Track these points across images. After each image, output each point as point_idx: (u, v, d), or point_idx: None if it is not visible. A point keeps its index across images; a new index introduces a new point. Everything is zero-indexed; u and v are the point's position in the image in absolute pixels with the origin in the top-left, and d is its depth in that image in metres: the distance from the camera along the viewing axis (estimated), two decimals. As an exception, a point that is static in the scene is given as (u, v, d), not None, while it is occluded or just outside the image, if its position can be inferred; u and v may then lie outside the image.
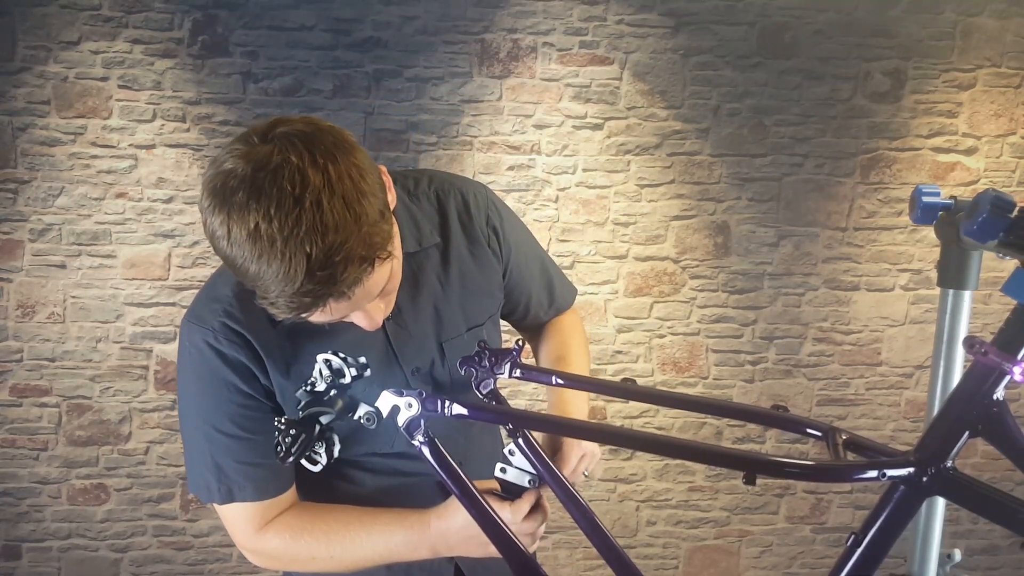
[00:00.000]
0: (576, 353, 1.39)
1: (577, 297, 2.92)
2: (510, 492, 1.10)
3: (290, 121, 0.90)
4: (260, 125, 0.91)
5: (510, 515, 1.06)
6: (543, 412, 1.33)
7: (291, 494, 1.15)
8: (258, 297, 0.91)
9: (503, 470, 1.10)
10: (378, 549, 1.12)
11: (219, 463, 1.10)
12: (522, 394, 2.91)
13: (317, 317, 0.93)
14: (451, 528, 1.09)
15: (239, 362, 1.07)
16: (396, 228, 0.98)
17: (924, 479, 0.83)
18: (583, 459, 1.21)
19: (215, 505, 1.14)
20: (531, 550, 1.10)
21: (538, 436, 1.16)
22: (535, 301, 1.38)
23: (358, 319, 1.00)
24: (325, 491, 1.19)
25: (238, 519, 1.14)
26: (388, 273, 0.96)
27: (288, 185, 0.84)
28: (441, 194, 1.22)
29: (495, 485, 1.11)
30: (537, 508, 1.10)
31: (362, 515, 1.14)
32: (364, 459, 1.19)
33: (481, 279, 1.24)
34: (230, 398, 1.08)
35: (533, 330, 1.45)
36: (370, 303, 0.97)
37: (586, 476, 1.23)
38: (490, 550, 1.06)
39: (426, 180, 1.23)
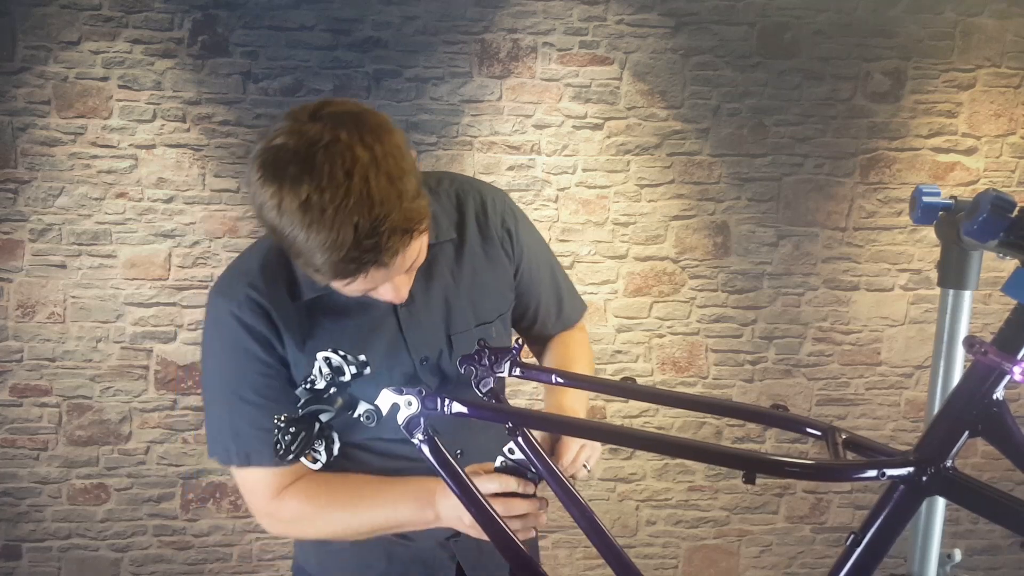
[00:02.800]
0: (579, 365, 1.39)
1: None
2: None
3: (337, 103, 0.98)
4: (308, 105, 0.98)
5: (497, 486, 1.08)
6: (543, 411, 1.32)
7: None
8: (302, 264, 0.98)
9: (503, 464, 1.11)
10: (386, 517, 1.17)
11: (238, 429, 1.16)
12: (522, 393, 2.91)
13: (355, 286, 1.01)
14: (449, 504, 1.12)
15: (260, 332, 1.14)
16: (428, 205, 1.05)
17: (924, 479, 0.83)
18: (583, 449, 1.21)
19: (233, 470, 1.20)
20: (523, 536, 1.10)
21: (538, 432, 1.17)
22: (543, 309, 1.41)
23: (386, 292, 1.07)
24: (333, 471, 1.21)
25: (255, 483, 1.19)
26: (419, 247, 1.03)
27: (339, 160, 0.92)
28: (461, 194, 1.28)
29: (489, 468, 1.12)
30: (532, 499, 1.11)
31: (373, 483, 1.18)
32: (370, 442, 1.22)
33: (492, 277, 1.29)
34: (251, 367, 1.14)
35: (540, 342, 1.46)
36: (400, 276, 1.05)
37: (587, 469, 1.23)
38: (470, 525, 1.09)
39: (448, 180, 1.30)
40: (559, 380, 1.18)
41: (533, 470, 1.09)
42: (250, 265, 1.17)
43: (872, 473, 0.84)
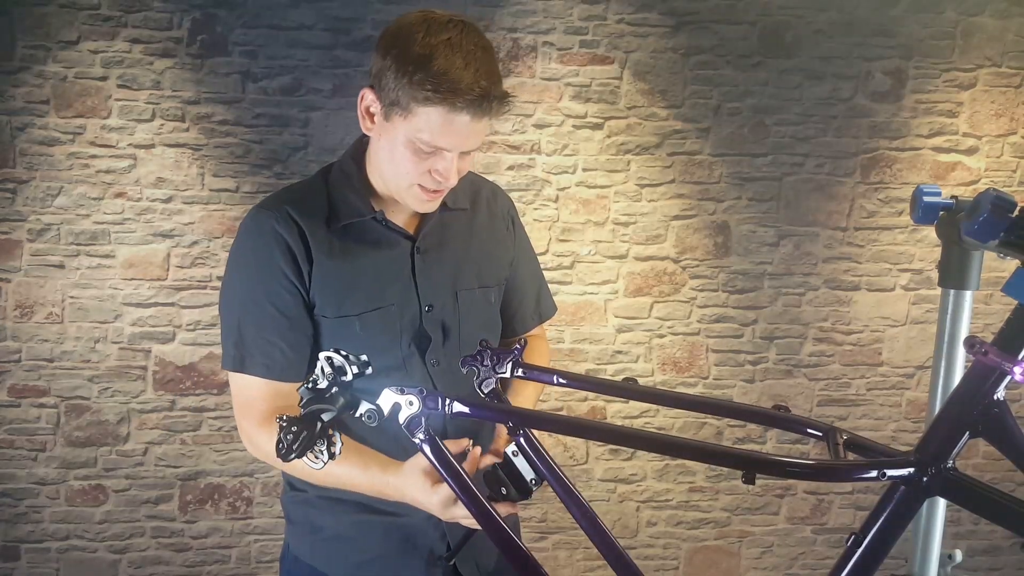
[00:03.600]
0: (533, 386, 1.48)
1: (577, 297, 2.92)
2: (518, 488, 1.13)
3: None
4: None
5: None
6: (544, 411, 1.33)
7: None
8: (428, 91, 1.13)
9: (507, 463, 1.11)
10: (350, 480, 1.25)
11: (244, 332, 1.27)
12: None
13: (446, 133, 1.17)
14: (406, 493, 1.21)
15: (291, 247, 1.26)
16: None
17: (924, 479, 0.83)
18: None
19: (230, 377, 1.30)
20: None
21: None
22: (525, 297, 1.53)
23: (444, 163, 1.21)
24: None
25: (247, 394, 1.29)
26: (482, 139, 1.24)
27: (475, 28, 1.19)
28: (476, 180, 1.47)
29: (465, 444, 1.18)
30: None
31: (349, 447, 1.24)
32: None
33: (496, 249, 1.45)
34: (274, 277, 1.27)
35: (511, 333, 1.54)
36: (463, 158, 1.23)
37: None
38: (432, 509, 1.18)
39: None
40: (561, 381, 1.18)
41: (534, 474, 1.09)
42: (292, 190, 1.36)
43: (873, 474, 0.84)
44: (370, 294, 1.30)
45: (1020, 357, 0.79)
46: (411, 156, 1.21)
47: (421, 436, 0.98)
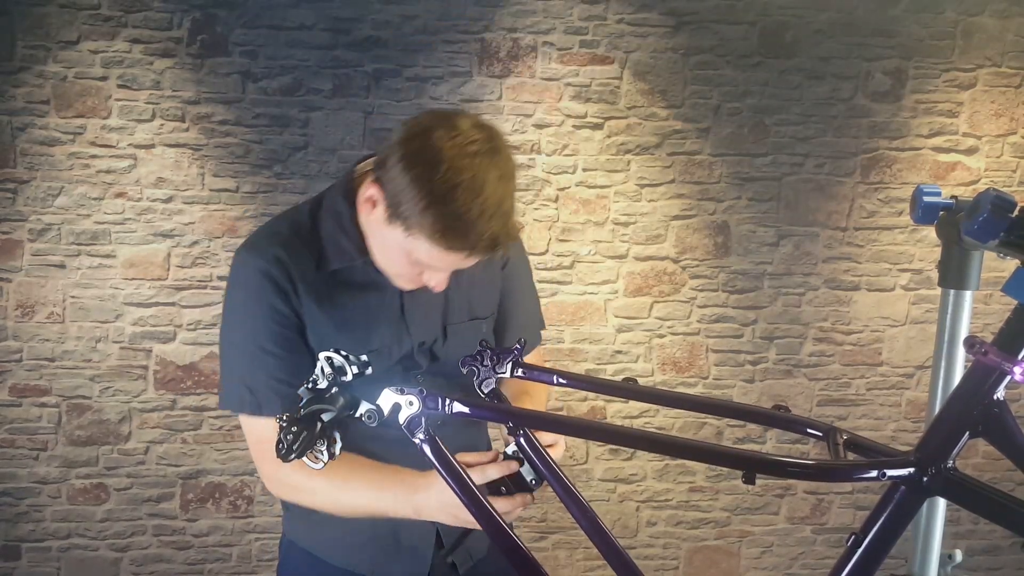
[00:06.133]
0: (536, 393, 1.46)
1: (577, 297, 2.92)
2: (518, 487, 1.14)
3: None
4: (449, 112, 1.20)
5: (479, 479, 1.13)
6: (543, 411, 1.33)
7: None
8: (437, 232, 1.10)
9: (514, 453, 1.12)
10: (370, 502, 1.26)
11: (255, 378, 1.27)
12: (522, 394, 2.90)
13: (443, 261, 1.16)
14: (430, 502, 1.20)
15: (284, 289, 1.26)
16: None
17: (924, 479, 0.83)
18: (553, 448, 1.22)
19: (243, 420, 1.30)
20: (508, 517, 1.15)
21: None
22: (509, 320, 1.49)
23: (437, 277, 1.21)
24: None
25: (263, 435, 1.28)
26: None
27: (504, 153, 1.15)
28: None
29: (485, 457, 1.17)
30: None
31: (365, 467, 1.27)
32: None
33: (487, 278, 1.42)
34: (273, 319, 1.26)
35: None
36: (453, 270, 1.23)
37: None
38: (460, 520, 1.17)
39: None
40: (561, 381, 1.18)
41: (534, 473, 1.10)
42: (281, 229, 1.31)
43: (872, 473, 0.84)
44: (360, 338, 1.29)
45: (1020, 357, 0.79)
46: (405, 262, 1.20)
47: (421, 436, 0.98)
